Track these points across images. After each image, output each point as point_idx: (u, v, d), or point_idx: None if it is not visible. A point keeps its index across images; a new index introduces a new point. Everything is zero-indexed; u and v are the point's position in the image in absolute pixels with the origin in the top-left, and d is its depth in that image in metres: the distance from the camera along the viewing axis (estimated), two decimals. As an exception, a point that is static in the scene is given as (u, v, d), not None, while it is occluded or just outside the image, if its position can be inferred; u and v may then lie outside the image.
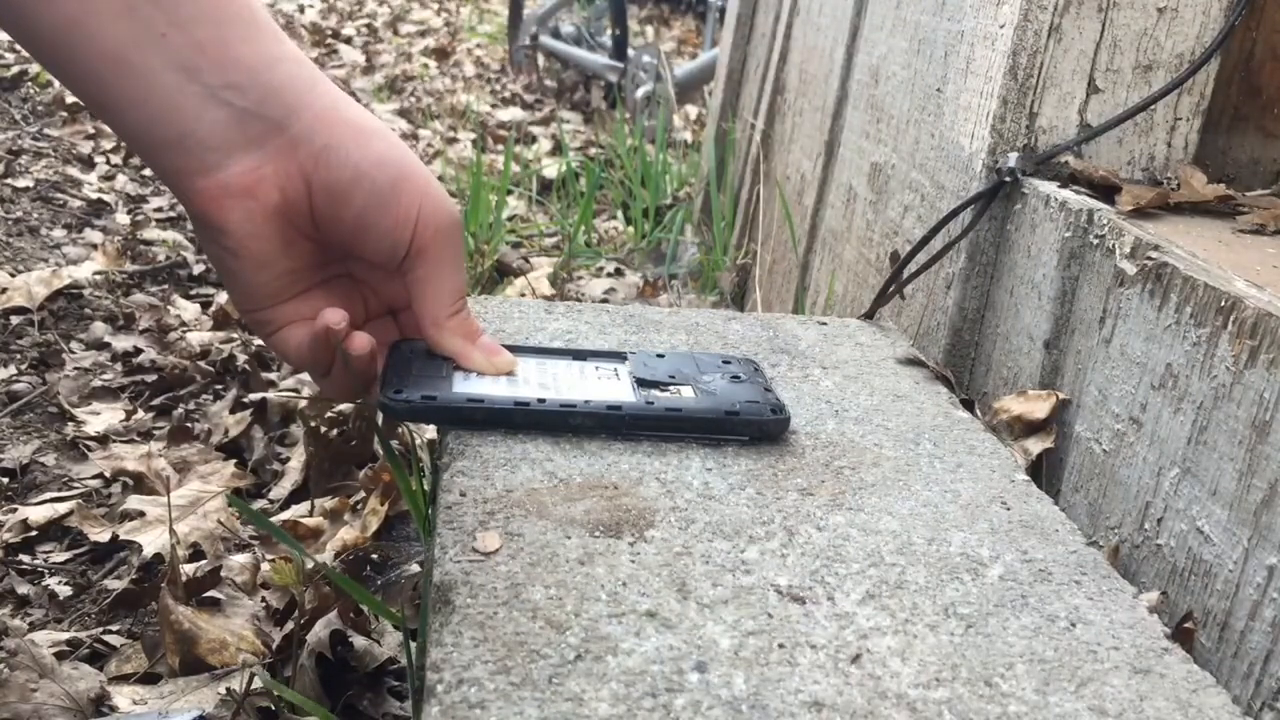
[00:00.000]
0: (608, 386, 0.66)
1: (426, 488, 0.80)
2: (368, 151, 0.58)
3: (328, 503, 1.14)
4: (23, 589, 1.01)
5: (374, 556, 1.05)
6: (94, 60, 0.52)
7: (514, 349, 0.68)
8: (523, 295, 1.70)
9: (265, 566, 1.04)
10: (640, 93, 3.18)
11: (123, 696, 0.87)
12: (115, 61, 0.52)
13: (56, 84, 2.56)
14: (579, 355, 0.71)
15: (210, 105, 0.54)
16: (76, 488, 1.19)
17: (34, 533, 1.09)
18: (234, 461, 1.25)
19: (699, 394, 0.66)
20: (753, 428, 0.65)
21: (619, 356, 0.71)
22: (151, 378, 1.43)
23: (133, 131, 0.55)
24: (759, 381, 0.69)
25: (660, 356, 0.71)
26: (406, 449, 1.10)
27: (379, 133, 0.59)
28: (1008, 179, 0.81)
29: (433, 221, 0.60)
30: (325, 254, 0.62)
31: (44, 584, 1.02)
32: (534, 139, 3.04)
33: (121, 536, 1.08)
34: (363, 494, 1.17)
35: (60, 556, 1.07)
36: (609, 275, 1.94)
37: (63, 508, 1.12)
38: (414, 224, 0.59)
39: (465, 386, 0.63)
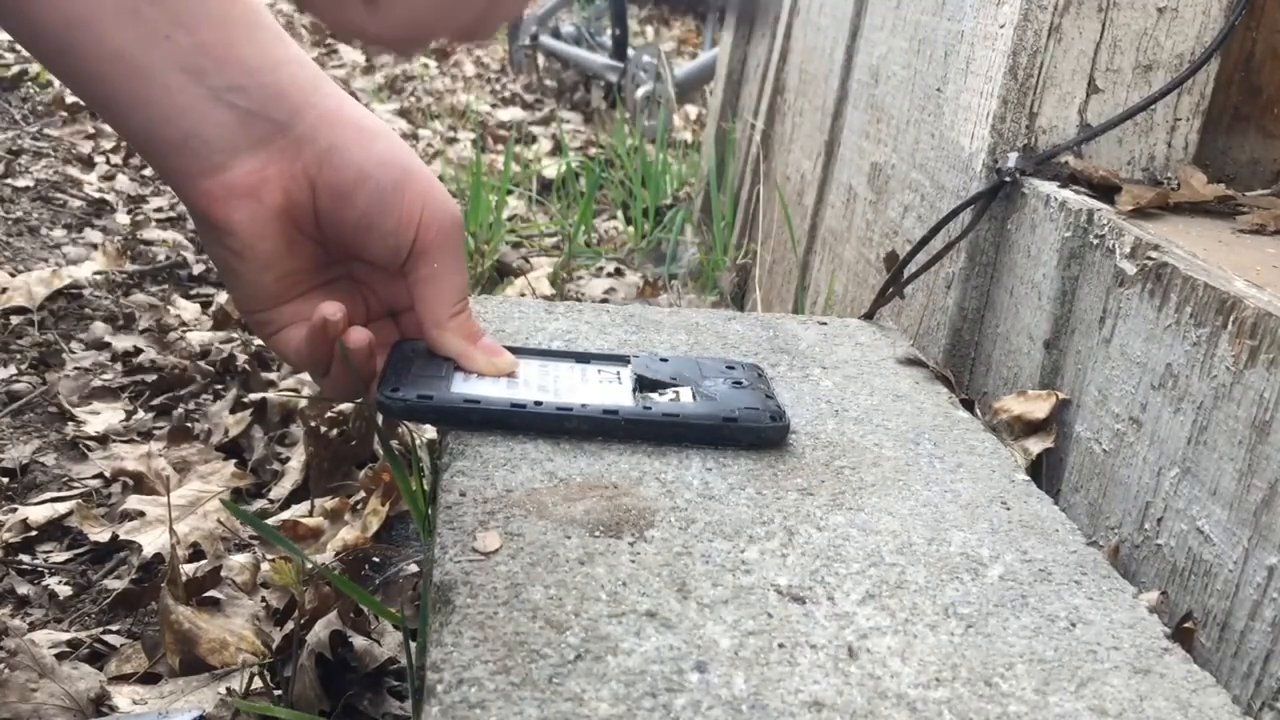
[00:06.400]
0: (608, 390, 0.66)
1: (426, 488, 0.80)
2: (371, 152, 0.58)
3: (328, 503, 1.14)
4: (23, 589, 1.01)
5: (374, 557, 1.05)
6: (98, 62, 0.52)
7: (516, 350, 0.68)
8: (523, 295, 1.70)
9: (265, 566, 1.04)
10: (640, 93, 3.18)
11: (123, 696, 0.87)
12: (119, 63, 0.52)
13: (56, 84, 2.57)
14: (582, 358, 0.70)
15: (214, 107, 0.54)
16: (76, 488, 1.19)
17: (34, 533, 1.09)
18: (234, 461, 1.25)
19: (699, 398, 0.66)
20: (751, 434, 0.65)
21: (622, 360, 0.71)
22: (151, 378, 1.43)
23: (136, 133, 0.55)
24: (760, 387, 0.69)
25: (664, 360, 0.71)
26: (406, 449, 1.10)
27: (382, 134, 0.59)
28: (1008, 179, 0.81)
29: (435, 222, 0.60)
30: (328, 255, 0.62)
31: (44, 584, 1.02)
32: (534, 139, 3.04)
33: (121, 536, 1.08)
34: (363, 494, 1.17)
35: (60, 556, 1.07)
36: (609, 275, 1.94)
37: (63, 508, 1.12)
38: (416, 224, 0.59)
39: (463, 387, 0.63)
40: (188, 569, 1.01)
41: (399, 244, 0.60)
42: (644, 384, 0.67)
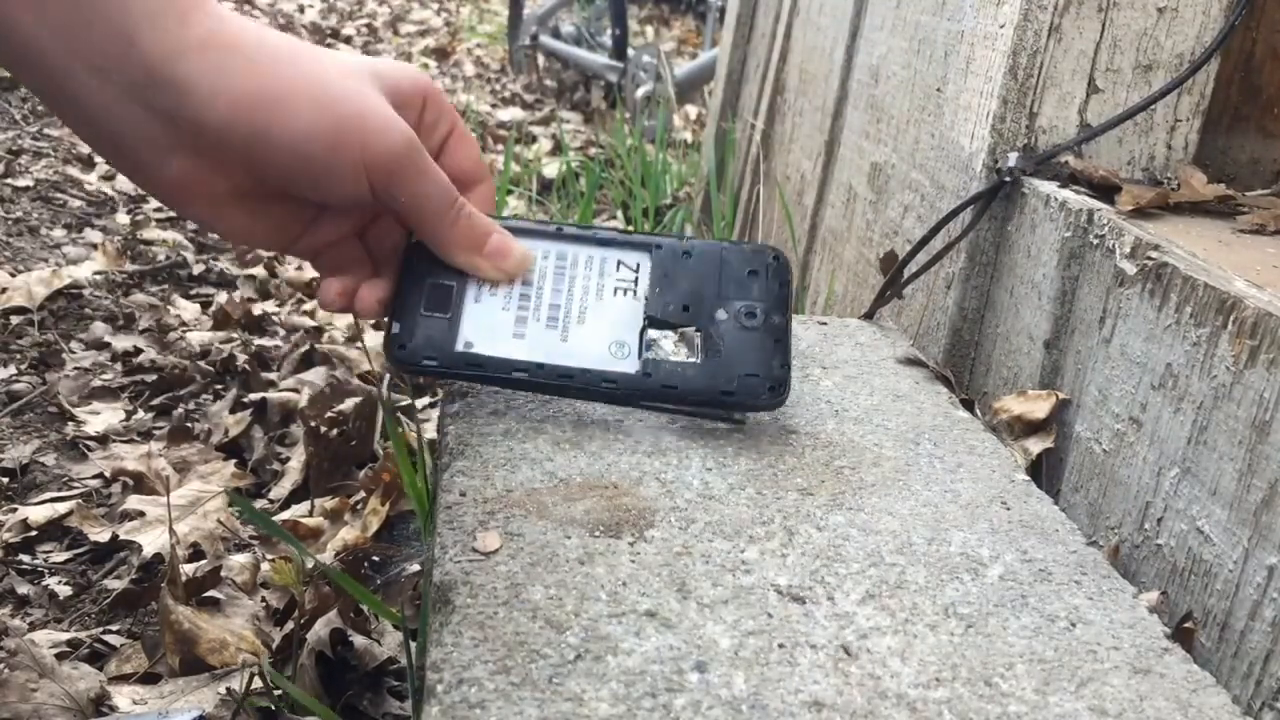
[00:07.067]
0: (617, 319, 0.66)
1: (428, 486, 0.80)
2: (293, 131, 0.55)
3: (328, 503, 1.14)
4: (23, 589, 1.01)
5: (374, 556, 1.05)
6: (26, 66, 0.51)
7: (532, 233, 0.67)
8: (523, 295, 1.69)
9: (265, 566, 1.04)
10: (640, 93, 3.18)
11: (123, 696, 0.87)
12: (41, 63, 0.50)
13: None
14: (604, 243, 0.68)
15: (131, 106, 0.52)
16: (76, 488, 1.19)
17: (34, 533, 1.09)
18: (234, 461, 1.25)
19: (703, 354, 0.65)
20: (746, 408, 0.66)
21: (645, 249, 0.68)
22: (151, 378, 1.43)
23: (80, 134, 0.54)
24: (775, 320, 0.66)
25: (687, 255, 0.68)
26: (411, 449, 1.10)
27: (300, 97, 0.55)
28: (1008, 179, 0.81)
29: (382, 156, 0.57)
30: (304, 203, 0.61)
31: (44, 584, 1.02)
32: (534, 139, 3.04)
33: (121, 536, 1.08)
34: (363, 494, 1.17)
35: (60, 556, 1.07)
36: (609, 275, 1.94)
37: (63, 508, 1.12)
38: (365, 170, 0.57)
39: (468, 333, 0.64)
40: (188, 569, 1.01)
41: (360, 191, 0.58)
42: (654, 321, 0.66)
